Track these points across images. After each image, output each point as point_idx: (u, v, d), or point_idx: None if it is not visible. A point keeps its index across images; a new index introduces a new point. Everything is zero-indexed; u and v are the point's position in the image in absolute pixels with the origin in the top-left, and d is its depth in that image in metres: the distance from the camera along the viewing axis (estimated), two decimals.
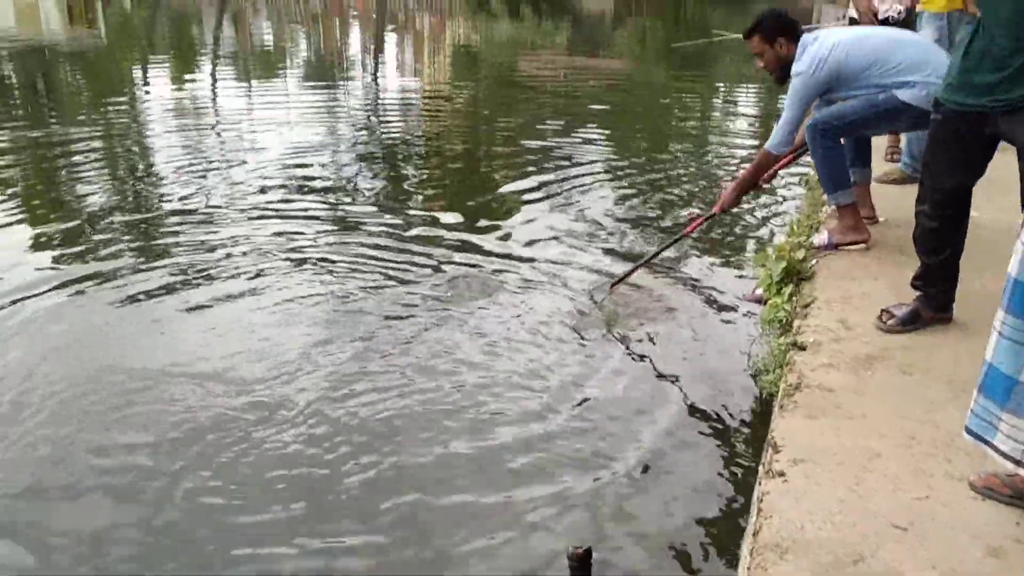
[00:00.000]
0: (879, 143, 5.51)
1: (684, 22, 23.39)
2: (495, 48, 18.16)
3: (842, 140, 4.13)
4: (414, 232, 5.64)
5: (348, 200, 6.49)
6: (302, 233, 5.60)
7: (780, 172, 4.67)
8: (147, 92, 11.95)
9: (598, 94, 11.84)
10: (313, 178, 7.04)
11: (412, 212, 6.15)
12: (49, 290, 4.65)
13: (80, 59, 15.38)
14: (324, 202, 6.37)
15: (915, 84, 3.77)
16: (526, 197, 6.54)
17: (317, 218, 5.97)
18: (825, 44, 3.91)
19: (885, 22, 5.39)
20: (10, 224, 5.81)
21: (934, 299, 3.26)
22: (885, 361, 3.03)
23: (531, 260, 5.14)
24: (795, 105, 3.97)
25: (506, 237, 5.58)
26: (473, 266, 5.04)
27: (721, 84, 13.18)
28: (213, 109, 10.60)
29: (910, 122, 4.00)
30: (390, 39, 20.11)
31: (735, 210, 4.98)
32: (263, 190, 6.65)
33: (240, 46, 17.95)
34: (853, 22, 5.61)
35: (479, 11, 26.98)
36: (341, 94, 12.24)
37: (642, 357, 3.98)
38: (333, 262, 5.08)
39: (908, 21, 5.35)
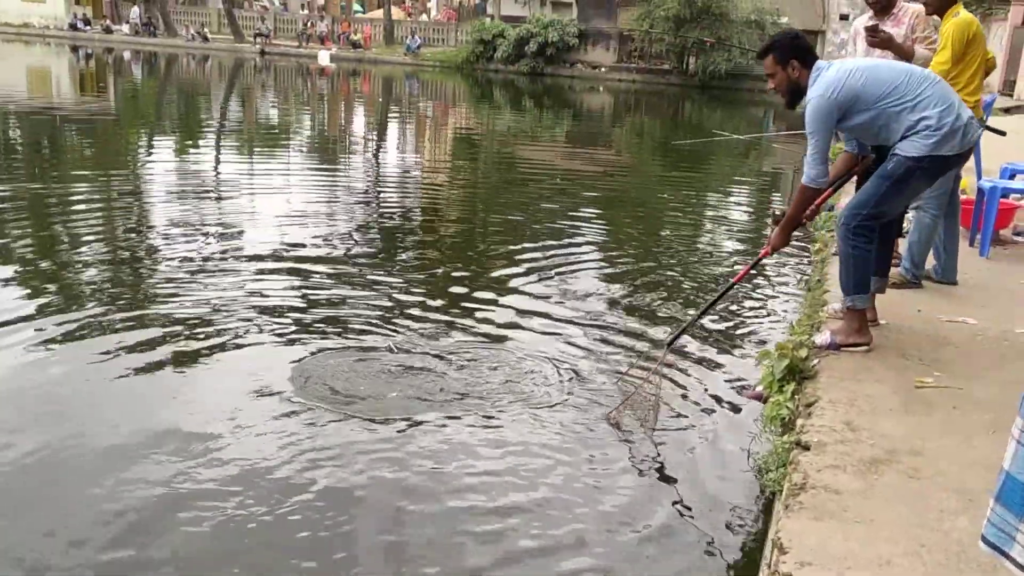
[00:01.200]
0: None
1: (683, 123, 23.91)
2: (496, 136, 18.47)
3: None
4: (407, 306, 5.63)
5: (342, 269, 6.53)
6: (292, 303, 5.59)
7: (781, 267, 4.71)
8: (151, 159, 12.08)
9: (594, 185, 12.01)
10: (309, 249, 7.08)
11: (406, 287, 6.15)
12: (33, 345, 4.59)
13: (88, 126, 15.56)
14: (318, 272, 6.39)
15: (921, 129, 3.80)
16: (519, 280, 6.57)
17: (309, 287, 5.98)
18: (842, 70, 3.90)
19: None
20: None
21: None
22: (892, 465, 2.99)
23: (528, 342, 5.12)
24: (817, 132, 3.92)
25: (498, 317, 5.57)
26: (467, 343, 5.01)
27: (716, 180, 13.38)
28: (215, 178, 10.69)
29: (924, 177, 3.95)
30: (393, 122, 20.46)
31: (733, 307, 4.98)
32: (259, 257, 6.69)
33: (246, 121, 18.22)
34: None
35: (482, 101, 27.57)
36: (342, 170, 12.40)
37: (640, 450, 3.92)
38: (320, 330, 5.08)
39: None
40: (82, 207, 8.21)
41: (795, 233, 4.36)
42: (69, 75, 26.95)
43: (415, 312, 5.60)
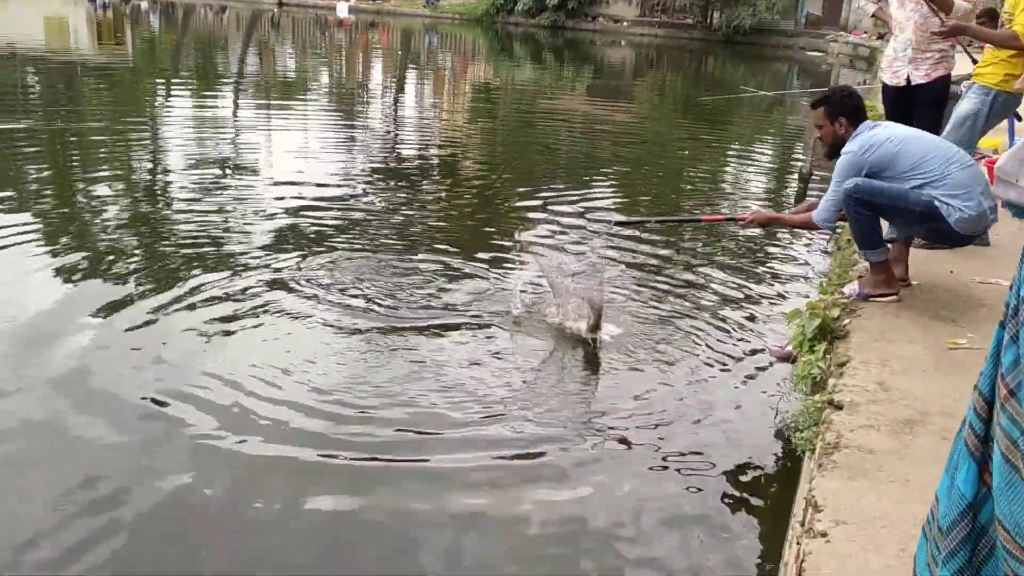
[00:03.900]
0: None
1: (706, 78, 23.61)
2: (515, 89, 18.31)
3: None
4: (423, 255, 5.62)
5: (361, 225, 6.52)
6: (312, 254, 5.59)
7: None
8: (168, 111, 12.07)
9: (615, 139, 11.90)
10: (326, 206, 7.05)
11: (422, 236, 6.14)
12: (51, 309, 4.61)
13: (105, 76, 15.53)
14: (336, 229, 6.38)
15: (951, 206, 3.92)
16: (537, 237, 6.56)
17: (326, 244, 5.98)
18: (882, 134, 4.10)
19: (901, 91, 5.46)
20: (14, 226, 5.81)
21: None
22: (926, 426, 2.97)
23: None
24: (839, 183, 4.11)
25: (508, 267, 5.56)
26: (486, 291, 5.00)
27: (739, 140, 13.22)
28: (233, 132, 10.68)
29: (930, 232, 4.15)
30: (411, 76, 20.30)
31: (760, 267, 4.92)
32: (277, 214, 6.69)
33: (263, 74, 18.13)
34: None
35: (502, 54, 27.29)
36: (360, 125, 12.35)
37: (667, 402, 3.91)
38: (341, 289, 5.08)
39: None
40: (98, 152, 8.25)
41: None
42: (87, 25, 26.82)
43: (434, 260, 5.61)
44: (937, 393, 3.24)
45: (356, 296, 4.96)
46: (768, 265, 6.15)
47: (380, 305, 4.87)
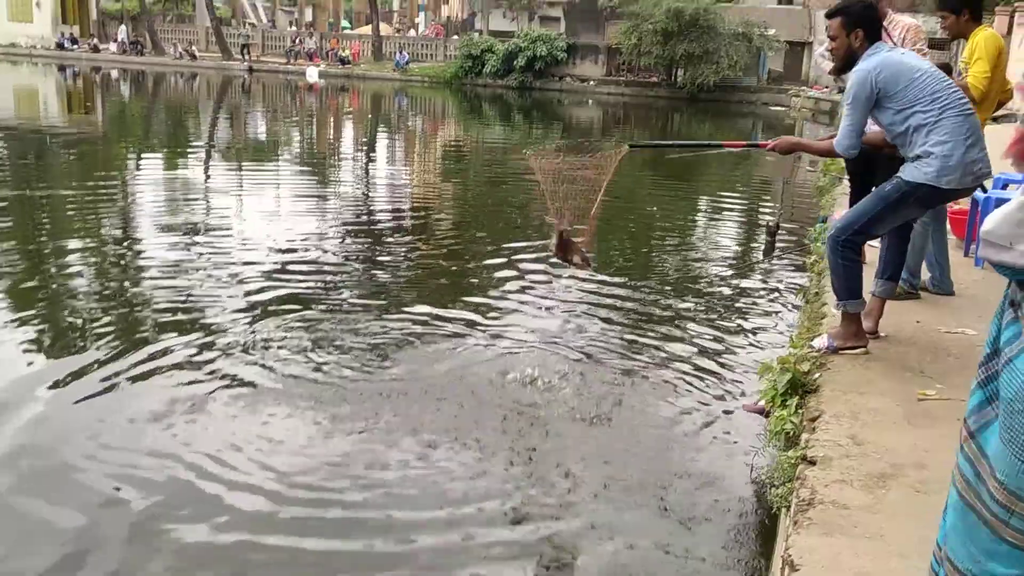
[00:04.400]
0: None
1: (672, 134, 23.98)
2: (485, 150, 18.50)
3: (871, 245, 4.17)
4: (396, 315, 5.61)
5: (331, 288, 6.54)
6: (286, 321, 5.56)
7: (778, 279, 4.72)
8: (139, 177, 12.06)
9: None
10: (299, 268, 7.05)
11: (394, 296, 6.14)
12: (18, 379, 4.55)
13: (76, 144, 15.52)
14: (306, 292, 6.38)
15: (926, 155, 3.82)
16: (507, 293, 6.61)
17: (295, 309, 5.95)
18: (896, 57, 3.91)
19: None
20: None
21: None
22: (899, 479, 2.97)
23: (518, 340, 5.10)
24: (853, 107, 3.92)
25: (487, 325, 5.56)
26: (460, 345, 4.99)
27: (706, 195, 13.39)
28: (204, 196, 10.70)
29: (918, 204, 4.01)
30: (382, 138, 20.47)
31: (730, 321, 4.95)
32: (247, 278, 6.67)
33: (235, 139, 18.20)
34: None
35: (471, 115, 27.62)
36: (331, 187, 12.41)
37: (642, 463, 3.89)
38: (306, 356, 5.04)
39: None
40: (68, 218, 8.21)
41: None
42: (56, 94, 26.88)
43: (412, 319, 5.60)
44: (909, 445, 3.25)
45: (321, 365, 4.93)
46: (740, 318, 6.20)
47: (348, 372, 4.84)
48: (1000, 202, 6.39)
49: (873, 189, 5.43)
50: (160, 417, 4.18)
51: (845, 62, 4.05)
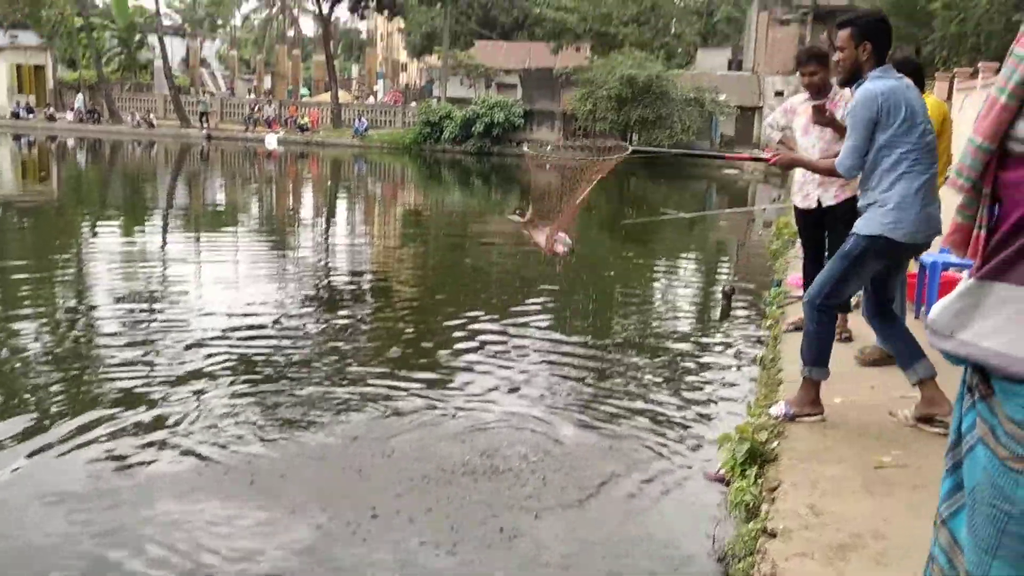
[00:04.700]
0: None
1: (628, 198, 24.35)
2: (445, 215, 18.62)
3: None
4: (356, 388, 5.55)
5: (289, 357, 6.44)
6: (242, 389, 5.48)
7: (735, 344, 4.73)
8: (94, 246, 11.93)
9: (544, 259, 12.09)
10: (254, 337, 6.99)
11: (352, 363, 6.08)
12: None
13: (30, 213, 15.34)
14: (264, 362, 6.30)
15: (882, 203, 3.83)
16: (467, 360, 6.60)
17: (254, 377, 5.90)
18: (905, 88, 3.84)
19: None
20: None
21: None
22: (859, 550, 2.97)
23: (479, 408, 5.06)
24: (855, 127, 3.86)
25: (444, 389, 5.52)
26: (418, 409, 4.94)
27: (662, 259, 13.56)
28: (160, 265, 10.60)
29: (878, 258, 3.95)
30: (341, 204, 20.51)
31: (688, 389, 4.97)
32: (206, 346, 6.59)
33: (193, 206, 18.12)
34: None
35: (431, 180, 27.83)
36: (290, 253, 12.37)
37: (603, 533, 3.86)
38: (255, 429, 4.96)
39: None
40: (19, 288, 8.08)
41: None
42: (10, 163, 26.62)
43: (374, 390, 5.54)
44: (868, 514, 3.26)
45: (270, 440, 4.84)
46: (699, 384, 6.21)
47: (298, 448, 4.75)
48: (948, 265, 6.56)
49: (826, 253, 5.56)
50: (83, 498, 4.06)
51: (850, 75, 3.97)
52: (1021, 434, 1.49)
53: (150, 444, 4.68)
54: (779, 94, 36.29)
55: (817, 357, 4.13)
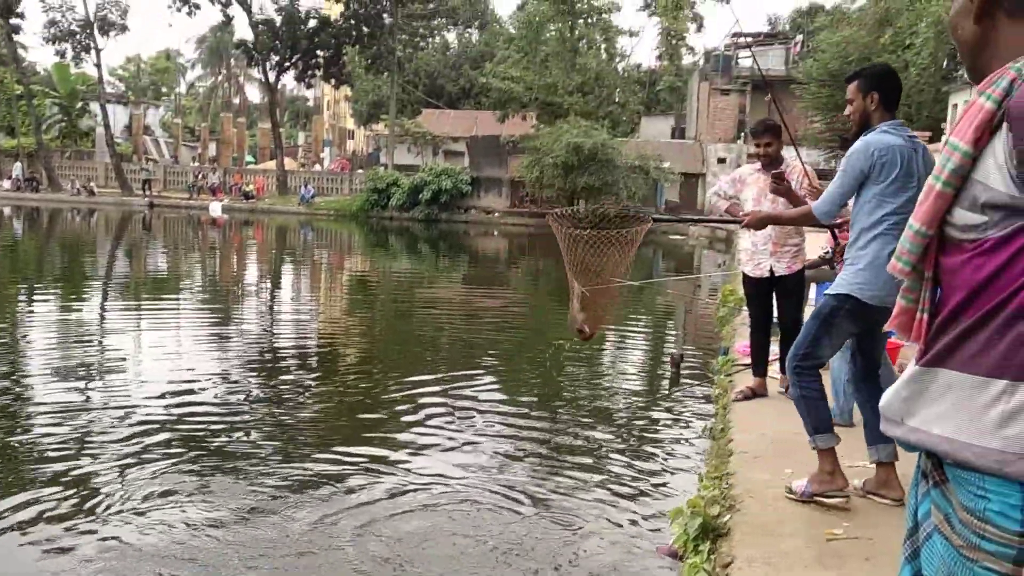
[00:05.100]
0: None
1: (577, 261, 24.56)
2: (392, 282, 18.51)
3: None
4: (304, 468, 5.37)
5: (231, 431, 6.24)
6: (183, 467, 5.27)
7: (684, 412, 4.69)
8: (30, 318, 11.57)
9: (494, 326, 12.05)
10: (195, 410, 6.80)
11: (296, 438, 5.91)
12: None
13: None
14: (205, 436, 6.12)
15: (855, 261, 3.79)
16: (415, 432, 6.47)
17: (194, 452, 5.71)
18: (907, 146, 3.75)
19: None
20: None
21: None
22: None
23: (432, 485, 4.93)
24: (844, 176, 3.80)
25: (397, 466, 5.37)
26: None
27: (612, 325, 13.59)
28: (98, 336, 10.30)
29: (848, 318, 3.87)
30: (287, 271, 20.30)
31: (642, 460, 4.91)
32: (142, 422, 6.37)
33: (134, 275, 17.76)
34: None
35: (377, 247, 27.75)
36: (234, 322, 12.13)
37: None
38: (199, 511, 4.75)
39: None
40: None
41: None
42: None
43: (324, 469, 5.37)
44: None
45: (209, 521, 4.65)
46: (650, 454, 6.15)
47: (240, 528, 4.57)
48: (891, 332, 6.63)
49: (775, 320, 5.61)
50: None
51: (860, 126, 3.91)
52: (974, 522, 1.46)
53: (76, 528, 4.45)
54: (721, 161, 37.26)
55: (816, 424, 3.95)
